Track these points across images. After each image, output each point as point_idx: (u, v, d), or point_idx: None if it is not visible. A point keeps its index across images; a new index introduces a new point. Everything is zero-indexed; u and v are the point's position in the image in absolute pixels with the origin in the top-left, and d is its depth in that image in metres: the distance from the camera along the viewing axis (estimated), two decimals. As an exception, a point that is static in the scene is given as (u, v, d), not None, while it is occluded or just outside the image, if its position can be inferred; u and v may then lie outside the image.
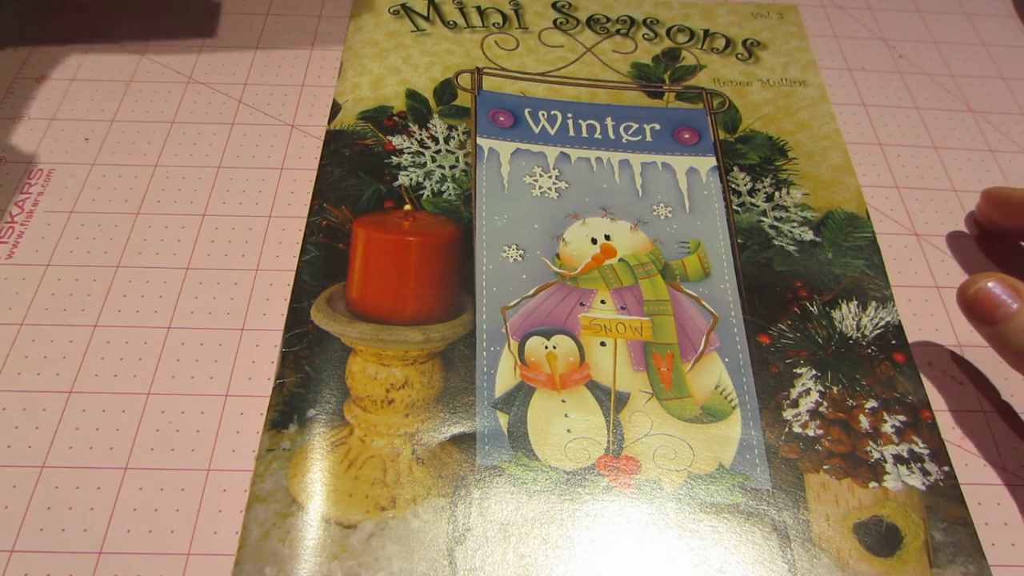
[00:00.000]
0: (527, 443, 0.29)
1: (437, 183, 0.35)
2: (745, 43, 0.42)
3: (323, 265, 0.33)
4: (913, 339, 0.33)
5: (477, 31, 0.42)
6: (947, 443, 0.30)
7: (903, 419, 0.30)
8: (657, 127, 0.38)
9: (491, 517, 0.27)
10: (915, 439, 0.29)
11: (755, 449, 0.29)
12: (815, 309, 0.32)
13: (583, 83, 0.40)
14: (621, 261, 0.33)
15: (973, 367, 0.33)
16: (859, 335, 0.32)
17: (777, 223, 0.35)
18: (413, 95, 0.39)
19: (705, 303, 0.32)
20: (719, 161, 0.37)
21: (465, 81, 0.39)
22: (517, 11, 0.43)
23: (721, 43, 0.42)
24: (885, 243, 0.36)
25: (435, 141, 0.37)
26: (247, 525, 0.26)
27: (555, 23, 0.43)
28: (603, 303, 0.32)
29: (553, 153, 0.37)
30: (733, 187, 0.36)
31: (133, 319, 0.32)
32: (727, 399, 0.30)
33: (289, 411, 0.29)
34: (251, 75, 0.42)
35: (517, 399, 0.30)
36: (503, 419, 0.29)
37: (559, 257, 0.33)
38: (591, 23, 0.43)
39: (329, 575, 0.25)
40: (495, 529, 0.27)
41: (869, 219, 0.35)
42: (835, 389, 0.30)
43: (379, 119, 0.38)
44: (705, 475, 0.28)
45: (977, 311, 0.30)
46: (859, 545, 0.27)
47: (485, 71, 0.40)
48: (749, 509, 0.27)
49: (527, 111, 0.38)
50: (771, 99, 0.40)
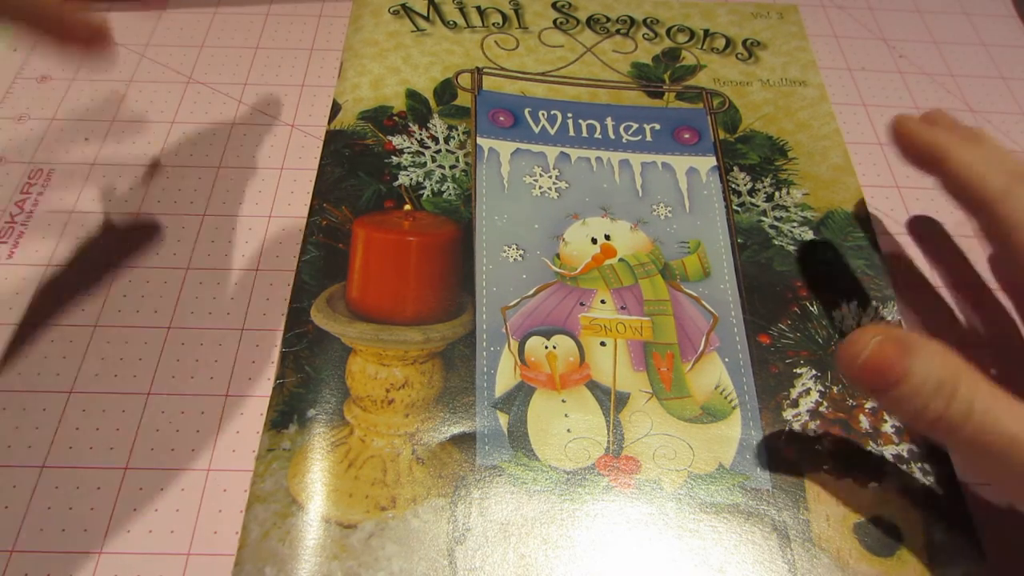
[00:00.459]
0: (527, 443, 0.29)
1: (437, 183, 0.35)
2: (745, 43, 0.42)
3: (323, 265, 0.33)
4: (913, 339, 0.33)
5: (477, 31, 0.42)
6: (947, 443, 0.30)
7: (903, 419, 0.30)
8: (657, 127, 0.38)
9: (491, 517, 0.27)
10: (915, 439, 0.29)
11: (755, 449, 0.29)
12: (815, 309, 0.32)
13: (583, 83, 0.40)
14: (621, 261, 0.33)
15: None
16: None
17: (777, 223, 0.35)
18: (413, 95, 0.39)
19: (705, 303, 0.32)
20: (719, 161, 0.37)
21: (465, 81, 0.39)
22: (517, 11, 0.43)
23: (721, 43, 0.42)
24: (885, 243, 0.36)
25: (435, 141, 0.37)
26: (247, 525, 0.26)
27: (555, 23, 0.43)
28: (603, 303, 0.32)
29: (553, 153, 0.37)
30: (733, 187, 0.36)
31: (133, 319, 0.32)
32: (727, 399, 0.30)
33: (289, 411, 0.29)
34: (251, 75, 0.42)
35: (517, 399, 0.30)
36: (503, 419, 0.29)
37: (559, 257, 0.33)
38: (591, 23, 0.43)
39: (329, 575, 0.25)
40: (495, 529, 0.27)
41: (869, 219, 0.35)
42: (835, 389, 0.30)
43: (379, 119, 0.38)
44: (705, 475, 0.28)
45: (868, 379, 0.24)
46: (859, 545, 0.27)
47: (485, 71, 0.40)
48: (749, 509, 0.27)
49: (527, 111, 0.38)
50: (771, 99, 0.40)
